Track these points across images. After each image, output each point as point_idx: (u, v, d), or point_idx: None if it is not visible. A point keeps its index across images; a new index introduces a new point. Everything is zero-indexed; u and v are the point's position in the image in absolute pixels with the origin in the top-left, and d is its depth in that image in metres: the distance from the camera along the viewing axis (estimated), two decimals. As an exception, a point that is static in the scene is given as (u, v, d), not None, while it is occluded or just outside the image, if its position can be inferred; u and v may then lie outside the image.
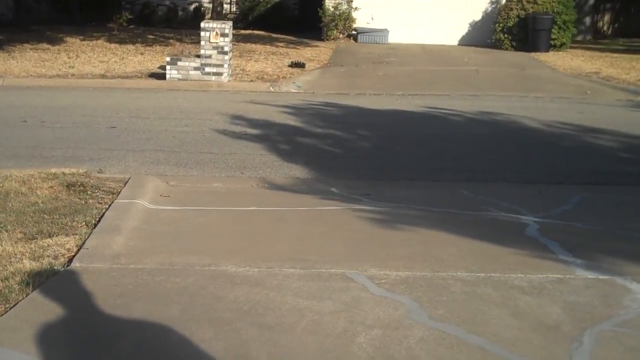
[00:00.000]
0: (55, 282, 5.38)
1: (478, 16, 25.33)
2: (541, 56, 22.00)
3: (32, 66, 18.38)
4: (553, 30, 23.02)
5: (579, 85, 17.56)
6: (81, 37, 23.00)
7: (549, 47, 23.05)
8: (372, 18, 25.57)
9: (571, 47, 23.64)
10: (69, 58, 19.67)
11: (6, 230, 6.41)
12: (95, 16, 27.01)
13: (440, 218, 7.04)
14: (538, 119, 12.91)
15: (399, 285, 5.36)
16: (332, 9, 25.26)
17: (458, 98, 15.51)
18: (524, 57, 21.89)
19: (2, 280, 5.36)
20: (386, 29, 25.23)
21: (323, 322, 4.76)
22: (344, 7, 25.33)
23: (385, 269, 5.66)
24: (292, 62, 19.29)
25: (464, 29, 25.43)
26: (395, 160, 9.91)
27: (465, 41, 25.20)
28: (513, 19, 23.59)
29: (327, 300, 5.09)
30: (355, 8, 25.36)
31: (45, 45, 21.45)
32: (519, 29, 23.52)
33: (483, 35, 24.72)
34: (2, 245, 6.04)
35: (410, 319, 4.82)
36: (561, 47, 23.30)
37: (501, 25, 23.81)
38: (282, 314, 4.88)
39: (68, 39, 22.65)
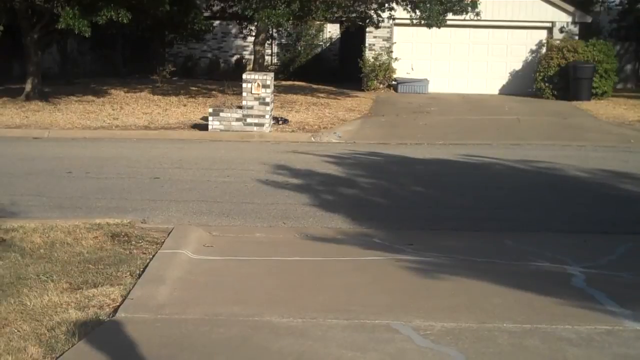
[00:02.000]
0: (100, 332, 5.41)
1: (518, 65, 25.37)
2: (583, 105, 21.92)
3: (77, 118, 18.70)
4: (594, 78, 22.97)
5: (621, 133, 17.42)
6: (125, 89, 23.40)
7: (591, 95, 22.97)
8: (412, 68, 25.72)
9: (613, 96, 23.54)
10: (113, 110, 19.99)
11: (52, 281, 6.47)
12: (139, 69, 27.51)
13: (484, 268, 6.97)
14: (581, 167, 12.80)
15: (445, 337, 5.30)
16: (372, 60, 25.45)
17: (500, 147, 15.46)
18: (565, 106, 21.83)
19: (48, 330, 5.40)
20: (426, 79, 25.34)
21: (368, 374, 4.72)
22: (384, 57, 25.52)
23: (430, 320, 5.60)
24: (274, 118, 18.27)
25: (504, 79, 25.46)
26: (437, 210, 9.87)
27: (506, 90, 25.22)
28: (554, 68, 23.56)
29: (371, 352, 5.04)
30: (396, 59, 25.53)
31: (90, 98, 21.84)
32: (560, 78, 23.49)
33: (524, 84, 24.73)
34: (48, 295, 6.09)
35: (456, 371, 4.76)
36: (603, 95, 23.21)
37: (542, 74, 23.80)
38: (327, 365, 4.85)
39: (112, 91, 23.06)
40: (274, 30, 29.14)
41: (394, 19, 24.13)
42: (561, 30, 24.94)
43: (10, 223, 8.27)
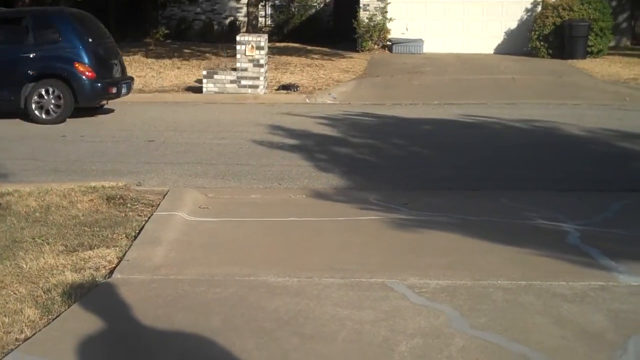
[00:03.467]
0: (96, 293, 5.43)
1: (514, 25, 25.22)
2: (578, 63, 21.85)
3: (70, 81, 18.56)
4: (590, 37, 22.87)
5: (617, 91, 17.39)
6: (118, 52, 23.24)
7: (586, 54, 22.89)
8: (406, 29, 25.56)
9: (608, 54, 23.47)
10: (106, 73, 19.86)
11: (48, 243, 6.48)
12: (132, 32, 27.30)
13: (480, 226, 6.99)
14: (577, 126, 12.81)
15: (439, 294, 5.32)
16: (366, 20, 25.29)
17: (495, 106, 15.43)
18: (560, 65, 21.75)
19: (44, 292, 5.42)
20: (421, 39, 25.20)
21: (364, 332, 4.74)
22: (379, 18, 25.35)
23: (425, 278, 5.63)
24: (280, 85, 18.28)
25: (499, 38, 25.33)
26: (433, 170, 9.87)
27: (501, 50, 25.10)
28: (549, 27, 23.45)
29: (367, 310, 5.07)
30: (390, 19, 25.36)
31: (83, 61, 21.68)
32: (555, 37, 23.38)
33: (519, 43, 24.60)
34: (44, 258, 6.10)
35: (451, 327, 4.79)
36: (598, 53, 23.14)
37: (537, 33, 23.68)
38: (323, 323, 4.87)
39: (105, 54, 22.88)
40: (268, -9, 28.96)
41: (388, -22, 23.96)
42: (556, -12, 24.78)
43: (5, 187, 8.27)
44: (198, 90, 17.17)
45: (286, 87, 17.79)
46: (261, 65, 16.97)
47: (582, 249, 6.32)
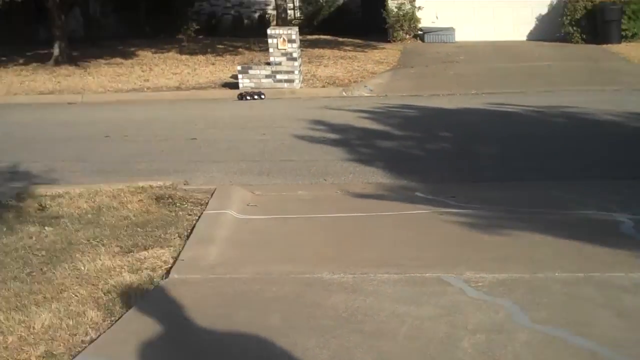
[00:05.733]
0: (156, 294, 5.50)
1: (544, 10, 24.95)
2: (613, 48, 21.59)
3: (108, 81, 18.74)
4: (623, 20, 22.56)
5: (656, 75, 17.18)
6: (152, 49, 23.39)
7: (621, 38, 22.59)
8: (436, 17, 25.40)
9: (643, 37, 23.15)
10: (142, 72, 20.02)
11: (103, 245, 6.56)
12: (163, 28, 27.40)
13: (531, 218, 6.95)
14: (618, 112, 12.62)
15: (497, 288, 5.32)
16: (395, 10, 25.16)
17: (533, 94, 15.30)
18: (595, 50, 21.52)
19: (104, 294, 5.50)
20: (452, 28, 25.04)
21: (424, 328, 4.75)
22: (407, 7, 25.21)
23: (481, 272, 5.61)
24: (239, 94, 16.41)
25: (531, 24, 25.07)
26: (478, 161, 9.81)
27: (534, 36, 24.86)
28: (581, 11, 23.15)
29: (425, 305, 5.08)
30: (419, 7, 25.21)
31: (118, 60, 21.86)
32: (588, 21, 23.09)
33: (551, 29, 24.32)
34: (100, 260, 6.18)
35: (512, 322, 4.78)
36: (633, 37, 22.82)
37: (569, 18, 23.40)
38: (382, 320, 4.89)
39: (140, 52, 23.06)
40: (295, -17, 28.93)
41: (414, -35, 23.80)
42: (587, -29, 24.50)
43: (55, 189, 8.37)
44: (234, 86, 17.20)
45: (245, 95, 16.28)
46: (295, 59, 16.95)
47: (638, 239, 6.27)
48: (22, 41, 24.59)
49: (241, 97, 16.27)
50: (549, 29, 24.48)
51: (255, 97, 16.20)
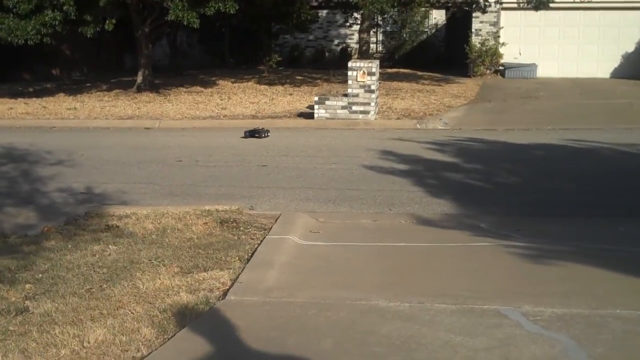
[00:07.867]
0: (210, 314, 5.52)
1: (631, 47, 24.56)
2: (699, 87, 21.07)
3: (186, 108, 19.11)
4: None
5: None
6: (232, 79, 23.77)
7: None
8: (519, 53, 25.24)
9: None
10: (221, 100, 20.35)
11: (164, 265, 6.64)
12: (246, 60, 27.88)
13: (596, 254, 6.79)
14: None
15: (555, 323, 5.18)
16: (478, 45, 25.10)
17: (611, 132, 14.99)
18: (681, 89, 21.02)
19: (160, 312, 5.55)
20: (534, 64, 24.81)
21: (477, 358, 4.66)
22: (491, 42, 25.13)
23: (540, 306, 5.49)
24: (246, 131, 15.11)
25: (616, 62, 24.69)
26: (546, 196, 9.66)
27: (618, 74, 24.46)
28: (667, 50, 22.70)
29: (480, 337, 4.98)
30: (503, 43, 25.11)
31: (198, 88, 22.28)
32: (675, 60, 22.62)
33: (637, 67, 23.91)
34: (160, 279, 6.26)
35: (567, 357, 4.65)
36: None
37: (656, 55, 22.97)
38: (435, 349, 4.81)
39: (220, 81, 23.47)
40: (379, 18, 29.07)
41: (501, 3, 23.72)
42: (676, 10, 24.03)
43: (123, 210, 8.55)
44: (309, 116, 17.34)
45: (253, 133, 15.04)
46: (372, 91, 17.01)
47: None
48: (109, 69, 25.34)
49: (249, 134, 14.92)
50: (634, 67, 24.08)
51: (264, 135, 14.90)
